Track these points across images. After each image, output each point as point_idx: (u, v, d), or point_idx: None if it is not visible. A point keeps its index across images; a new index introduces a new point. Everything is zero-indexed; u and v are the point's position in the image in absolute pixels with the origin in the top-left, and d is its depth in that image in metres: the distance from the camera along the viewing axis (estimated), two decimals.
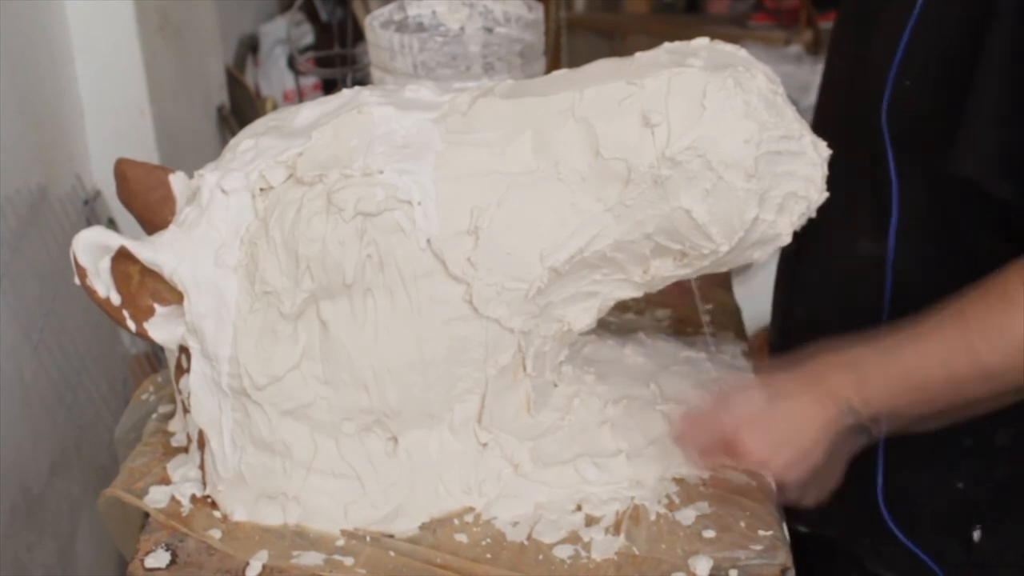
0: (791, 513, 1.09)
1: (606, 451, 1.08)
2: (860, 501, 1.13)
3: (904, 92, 1.03)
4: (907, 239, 1.07)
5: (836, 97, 1.17)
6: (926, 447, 1.08)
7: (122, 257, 0.99)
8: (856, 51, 1.11)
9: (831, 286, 1.01)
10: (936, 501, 1.11)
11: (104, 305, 1.00)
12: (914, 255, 1.07)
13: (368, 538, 1.02)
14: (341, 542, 1.01)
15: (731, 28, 3.74)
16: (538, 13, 1.55)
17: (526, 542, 1.01)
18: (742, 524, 1.02)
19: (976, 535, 1.09)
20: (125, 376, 2.18)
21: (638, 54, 1.03)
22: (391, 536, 1.02)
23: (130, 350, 2.21)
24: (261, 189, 0.99)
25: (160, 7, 2.32)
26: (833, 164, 1.03)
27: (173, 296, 1.01)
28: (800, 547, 1.10)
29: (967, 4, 0.98)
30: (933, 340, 0.95)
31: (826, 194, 1.01)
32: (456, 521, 1.03)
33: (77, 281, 0.99)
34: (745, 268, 1.56)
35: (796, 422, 0.97)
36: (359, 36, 2.64)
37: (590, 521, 1.03)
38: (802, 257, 1.20)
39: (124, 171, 1.07)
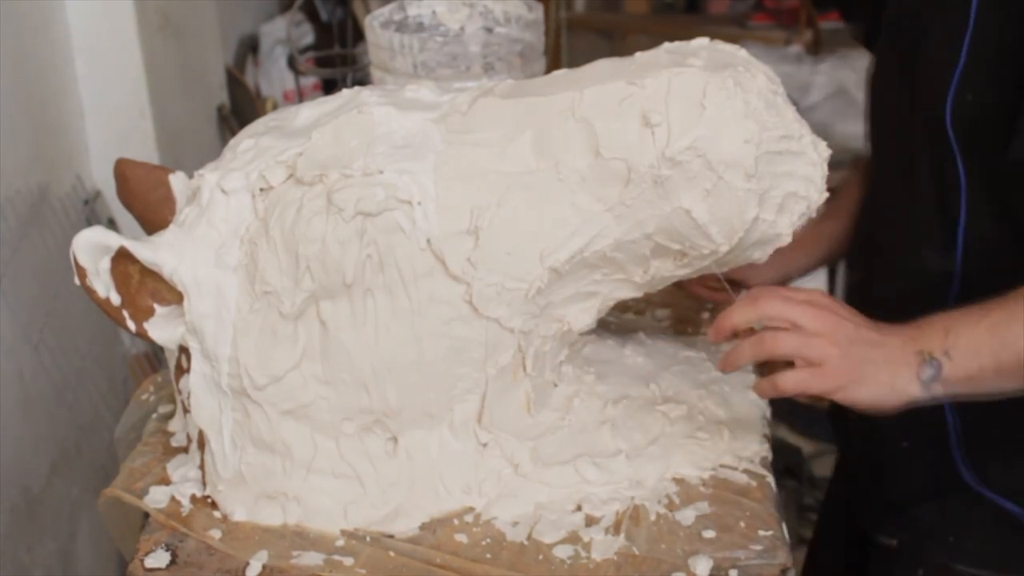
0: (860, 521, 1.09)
1: (606, 451, 1.08)
2: (935, 461, 1.13)
3: (966, 104, 1.04)
4: (975, 251, 1.07)
5: (887, 126, 1.18)
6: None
7: (122, 257, 0.99)
8: (904, 75, 1.13)
9: (900, 302, 1.02)
10: None
11: (104, 305, 1.00)
12: (982, 265, 1.07)
13: (368, 538, 1.02)
14: (341, 542, 1.01)
15: (731, 28, 3.74)
16: (538, 13, 1.55)
17: (526, 542, 1.01)
18: (742, 524, 1.02)
19: None
20: (125, 376, 2.19)
21: (638, 54, 1.03)
22: (391, 536, 1.02)
23: (130, 350, 2.21)
24: (261, 189, 0.99)
25: (160, 7, 2.33)
26: (895, 190, 1.05)
27: (173, 296, 1.01)
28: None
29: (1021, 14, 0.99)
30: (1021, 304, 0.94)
31: (826, 194, 1.01)
32: (456, 521, 1.03)
33: (77, 281, 0.99)
34: None
35: (880, 366, 0.95)
36: (359, 36, 2.64)
37: (590, 521, 1.03)
38: (870, 278, 1.21)
39: (124, 171, 1.07)
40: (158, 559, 0.99)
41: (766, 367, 1.01)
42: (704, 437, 1.11)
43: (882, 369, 0.96)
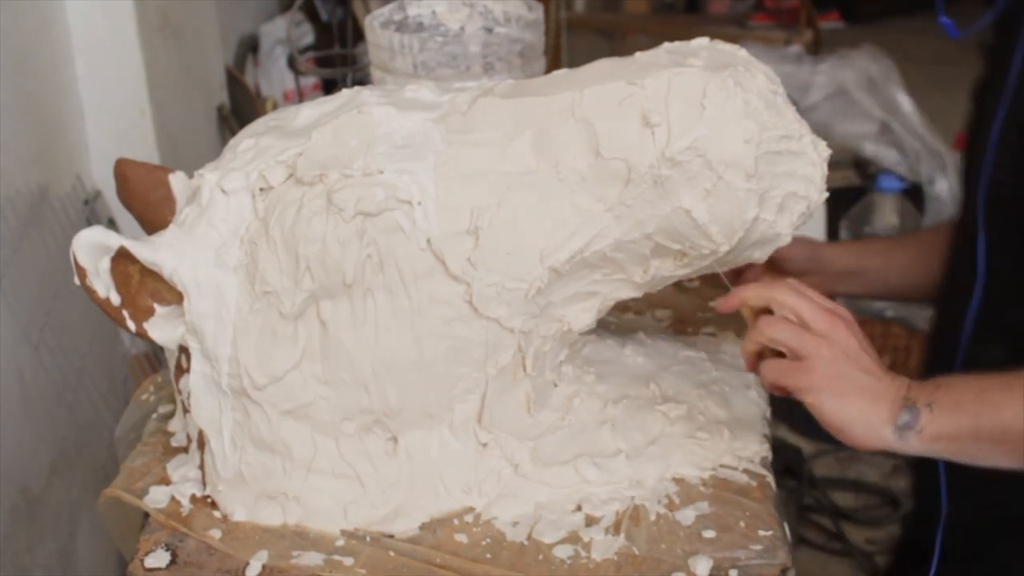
0: None
1: (606, 451, 1.08)
2: None
3: (999, 185, 1.05)
4: (989, 325, 1.07)
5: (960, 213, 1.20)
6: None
7: (122, 257, 0.99)
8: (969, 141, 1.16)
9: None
10: None
11: (104, 305, 1.00)
12: (997, 338, 1.06)
13: (368, 538, 1.02)
14: (341, 542, 1.01)
15: (731, 28, 3.75)
16: (538, 13, 1.55)
17: (526, 542, 1.01)
18: (742, 524, 1.02)
19: None
20: (125, 376, 2.19)
21: (638, 54, 1.03)
22: (391, 536, 1.02)
23: (130, 350, 2.21)
24: (261, 189, 0.99)
25: (160, 7, 2.32)
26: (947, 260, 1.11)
27: (173, 296, 1.01)
28: None
29: None
30: (1021, 376, 0.93)
31: (826, 194, 1.01)
32: (456, 521, 1.03)
33: (77, 281, 0.99)
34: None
35: (864, 393, 0.93)
36: (359, 36, 2.64)
37: (590, 521, 1.03)
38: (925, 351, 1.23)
39: (124, 171, 1.07)
40: (158, 559, 0.99)
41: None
42: (704, 437, 1.11)
43: (864, 397, 0.93)
